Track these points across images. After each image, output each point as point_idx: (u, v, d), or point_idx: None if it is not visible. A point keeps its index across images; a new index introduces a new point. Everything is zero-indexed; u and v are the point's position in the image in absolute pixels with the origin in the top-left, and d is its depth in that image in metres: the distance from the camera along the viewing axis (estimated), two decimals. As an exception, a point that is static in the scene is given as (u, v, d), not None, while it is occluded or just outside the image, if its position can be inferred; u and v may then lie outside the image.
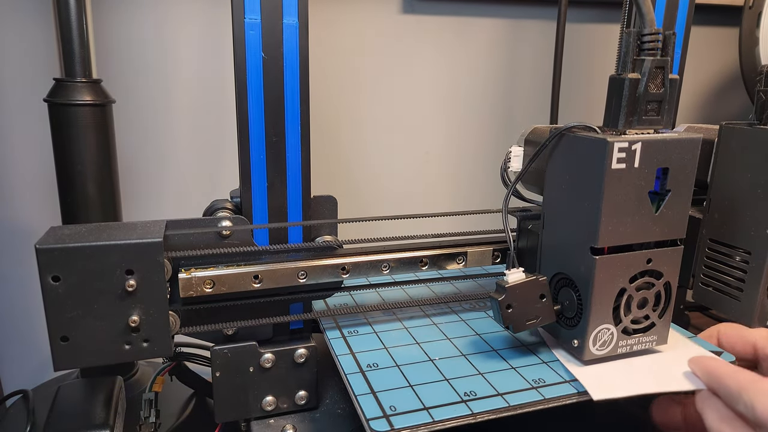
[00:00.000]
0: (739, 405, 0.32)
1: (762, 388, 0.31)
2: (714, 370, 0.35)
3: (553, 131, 0.37)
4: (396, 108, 0.78)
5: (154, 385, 0.45)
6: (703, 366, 0.35)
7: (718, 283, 0.46)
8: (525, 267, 0.39)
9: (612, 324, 0.37)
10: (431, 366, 0.38)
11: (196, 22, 0.67)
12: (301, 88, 0.39)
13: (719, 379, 0.34)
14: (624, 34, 0.34)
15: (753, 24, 0.71)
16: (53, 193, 0.53)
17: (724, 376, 0.34)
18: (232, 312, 0.39)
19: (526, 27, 0.81)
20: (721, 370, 0.34)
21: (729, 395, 0.33)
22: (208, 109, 0.70)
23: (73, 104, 0.50)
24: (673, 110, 0.52)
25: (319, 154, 0.65)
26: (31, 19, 0.62)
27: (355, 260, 0.41)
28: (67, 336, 0.34)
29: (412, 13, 0.76)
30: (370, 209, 0.81)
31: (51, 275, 0.33)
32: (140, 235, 0.34)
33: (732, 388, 0.33)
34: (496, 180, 0.46)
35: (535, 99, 0.84)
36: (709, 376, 0.35)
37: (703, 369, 0.35)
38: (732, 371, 0.34)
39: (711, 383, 0.35)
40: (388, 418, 0.32)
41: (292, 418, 0.42)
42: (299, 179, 0.41)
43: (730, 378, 0.33)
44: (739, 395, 0.32)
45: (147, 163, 0.70)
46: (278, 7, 0.38)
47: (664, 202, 0.36)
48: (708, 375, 0.35)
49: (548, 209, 0.39)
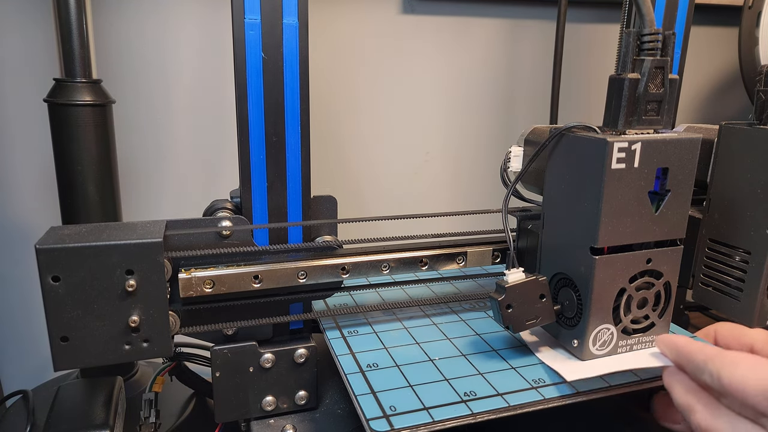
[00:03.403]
0: (704, 375, 0.32)
1: (727, 357, 0.32)
2: (681, 346, 0.35)
3: (553, 131, 0.37)
4: (396, 108, 0.78)
5: (154, 385, 0.45)
6: (670, 343, 0.36)
7: (717, 283, 0.46)
8: (525, 267, 0.39)
9: (612, 324, 0.37)
10: (431, 366, 0.38)
11: (196, 22, 0.67)
12: (301, 89, 0.39)
13: (686, 353, 0.34)
14: (624, 34, 0.34)
15: (752, 24, 0.71)
16: (53, 193, 0.53)
17: (691, 351, 0.34)
18: (232, 312, 0.39)
19: (526, 27, 0.81)
20: (688, 346, 0.35)
21: (695, 368, 0.33)
22: (208, 109, 0.70)
23: (73, 104, 0.50)
24: (673, 110, 0.52)
25: (319, 154, 0.65)
26: (31, 19, 0.62)
27: (355, 260, 0.41)
28: (67, 336, 0.34)
29: (412, 13, 0.76)
30: (370, 209, 0.81)
31: (51, 275, 0.33)
32: (140, 235, 0.34)
33: (698, 360, 0.33)
34: (496, 180, 0.46)
35: (535, 99, 0.84)
36: (676, 352, 0.35)
37: (670, 346, 0.36)
38: (698, 346, 0.34)
39: (678, 359, 0.35)
40: (388, 418, 0.32)
41: (292, 418, 0.42)
42: (299, 179, 0.41)
43: (697, 352, 0.34)
44: (704, 365, 0.32)
45: (147, 163, 0.70)
46: (278, 7, 0.38)
47: (663, 202, 0.36)
48: (675, 351, 0.35)
49: (548, 209, 0.39)
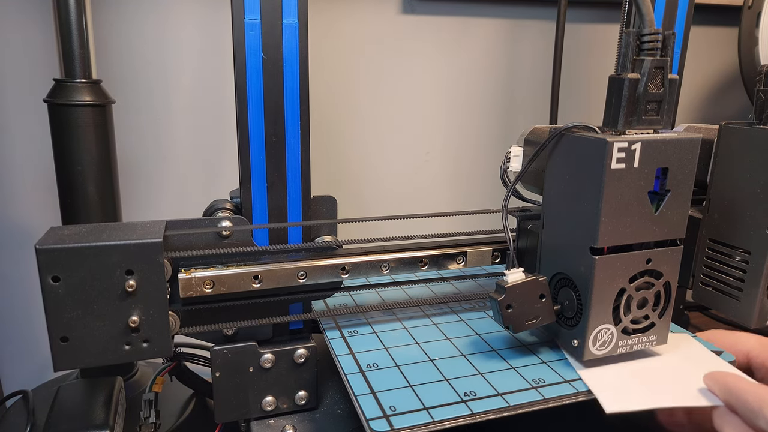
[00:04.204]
0: (759, 421, 0.31)
1: None
2: (733, 385, 0.33)
3: (553, 131, 0.37)
4: (396, 108, 0.78)
5: (154, 385, 0.45)
6: (721, 382, 0.34)
7: (717, 283, 0.46)
8: (525, 267, 0.39)
9: (612, 324, 0.37)
10: (431, 366, 0.38)
11: (196, 22, 0.67)
12: (301, 89, 0.39)
13: (738, 394, 0.32)
14: (624, 34, 0.34)
15: (752, 24, 0.71)
16: (53, 193, 0.53)
17: (743, 392, 0.32)
18: (232, 312, 0.39)
19: (526, 27, 0.81)
20: (740, 386, 0.33)
21: (749, 411, 0.32)
22: (208, 109, 0.70)
23: (73, 105, 0.50)
24: (673, 110, 0.52)
25: (319, 154, 0.65)
26: (31, 19, 0.62)
27: (355, 260, 0.41)
28: (67, 336, 0.34)
29: (412, 13, 0.76)
30: (370, 209, 0.81)
31: (51, 275, 0.33)
32: (140, 235, 0.34)
33: (752, 404, 0.31)
34: (496, 180, 0.46)
35: (535, 99, 0.84)
36: (727, 393, 0.33)
37: (721, 385, 0.34)
38: (751, 387, 0.32)
39: (729, 399, 0.33)
40: (388, 418, 0.32)
41: (292, 418, 0.42)
42: (299, 179, 0.41)
43: (750, 393, 0.32)
44: (760, 410, 0.31)
45: (147, 163, 0.70)
46: (278, 8, 0.38)
47: (663, 202, 0.36)
48: (726, 391, 0.33)
49: (548, 209, 0.39)
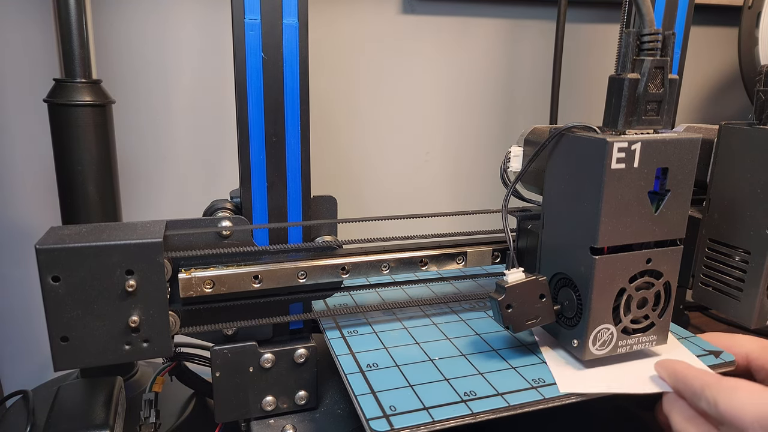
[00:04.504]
0: (701, 402, 0.32)
1: (725, 384, 0.32)
2: (679, 371, 0.35)
3: (553, 131, 0.37)
4: (396, 108, 0.78)
5: (154, 385, 0.45)
6: (670, 369, 0.36)
7: (717, 282, 0.46)
8: (525, 267, 0.39)
9: (612, 324, 0.37)
10: (431, 366, 0.38)
11: (196, 22, 0.67)
12: (301, 89, 0.39)
13: (684, 379, 0.34)
14: (624, 34, 0.34)
15: (752, 24, 0.71)
16: (53, 193, 0.53)
17: (688, 377, 0.34)
18: (232, 312, 0.39)
19: (526, 27, 0.81)
20: (686, 372, 0.34)
21: (693, 394, 0.33)
22: (208, 109, 0.70)
23: (73, 105, 0.50)
24: (673, 110, 0.52)
25: (319, 154, 0.65)
26: (31, 19, 0.62)
27: (355, 260, 0.41)
28: (67, 336, 0.34)
29: (412, 13, 0.76)
30: (370, 209, 0.81)
31: (51, 275, 0.33)
32: (140, 235, 0.34)
33: (695, 387, 0.33)
34: (496, 180, 0.46)
35: (534, 99, 0.84)
36: (674, 378, 0.35)
37: (669, 372, 0.36)
38: (697, 372, 0.34)
39: (676, 384, 0.35)
40: (388, 418, 0.32)
41: (292, 418, 0.42)
42: (299, 179, 0.41)
43: (694, 378, 0.33)
44: (702, 392, 0.32)
45: (147, 163, 0.70)
46: (278, 8, 0.38)
47: (663, 202, 0.36)
48: (674, 377, 0.35)
49: (548, 209, 0.39)
